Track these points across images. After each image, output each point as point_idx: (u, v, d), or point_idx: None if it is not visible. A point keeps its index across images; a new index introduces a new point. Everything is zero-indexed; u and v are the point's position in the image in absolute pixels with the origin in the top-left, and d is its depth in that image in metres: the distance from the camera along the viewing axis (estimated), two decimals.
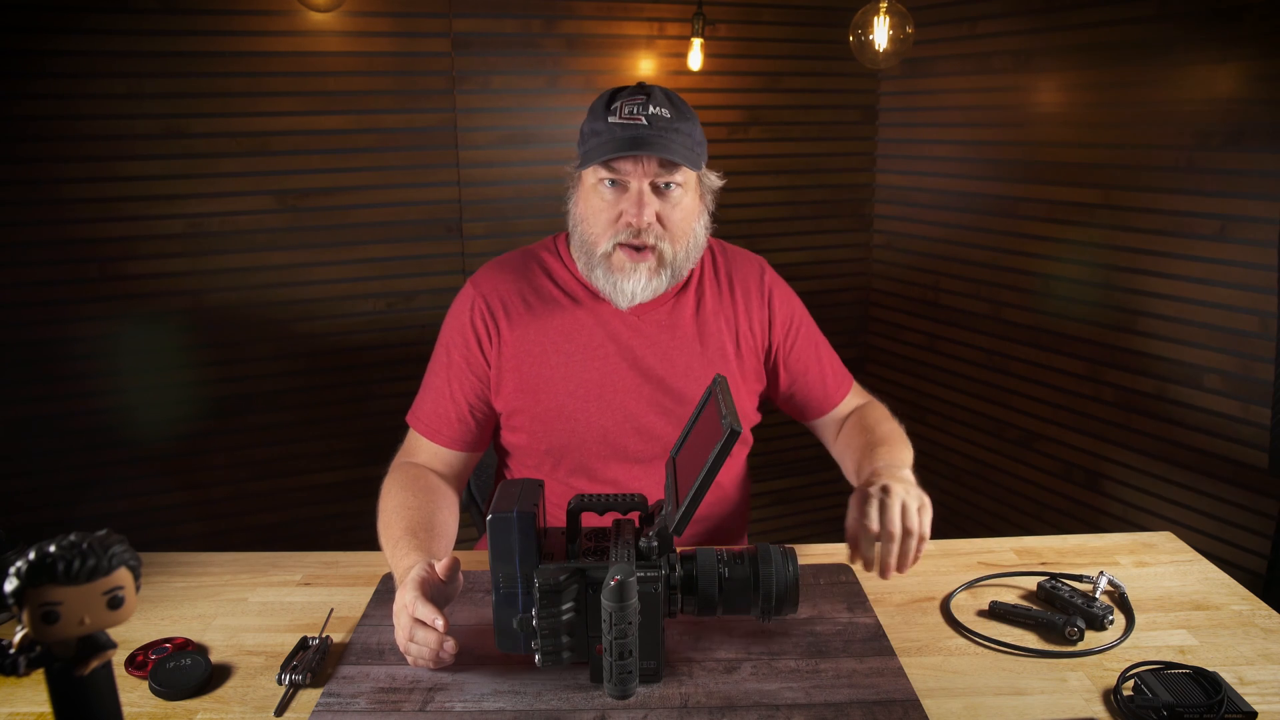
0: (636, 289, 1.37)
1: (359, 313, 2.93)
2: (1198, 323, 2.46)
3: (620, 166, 1.32)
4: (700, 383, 1.43)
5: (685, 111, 1.35)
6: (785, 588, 1.05)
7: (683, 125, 1.33)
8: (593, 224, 1.36)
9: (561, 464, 1.45)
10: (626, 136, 1.29)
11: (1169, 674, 1.05)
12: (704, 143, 1.39)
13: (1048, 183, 2.82)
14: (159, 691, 1.04)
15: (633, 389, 1.42)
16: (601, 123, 1.32)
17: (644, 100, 1.32)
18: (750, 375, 1.50)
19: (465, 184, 2.96)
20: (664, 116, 1.31)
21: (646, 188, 1.32)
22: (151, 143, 2.63)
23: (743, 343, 1.49)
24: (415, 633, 1.05)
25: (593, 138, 1.33)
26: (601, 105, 1.34)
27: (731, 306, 1.49)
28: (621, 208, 1.33)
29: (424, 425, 1.45)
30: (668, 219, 1.35)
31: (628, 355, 1.43)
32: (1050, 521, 2.96)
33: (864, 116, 3.40)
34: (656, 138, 1.29)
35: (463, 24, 2.87)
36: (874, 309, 3.53)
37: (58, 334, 2.63)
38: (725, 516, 1.55)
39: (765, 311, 1.50)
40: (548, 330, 1.43)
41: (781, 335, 1.52)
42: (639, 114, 1.30)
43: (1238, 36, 2.29)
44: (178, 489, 2.83)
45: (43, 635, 0.70)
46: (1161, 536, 1.45)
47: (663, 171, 1.32)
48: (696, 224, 1.40)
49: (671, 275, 1.39)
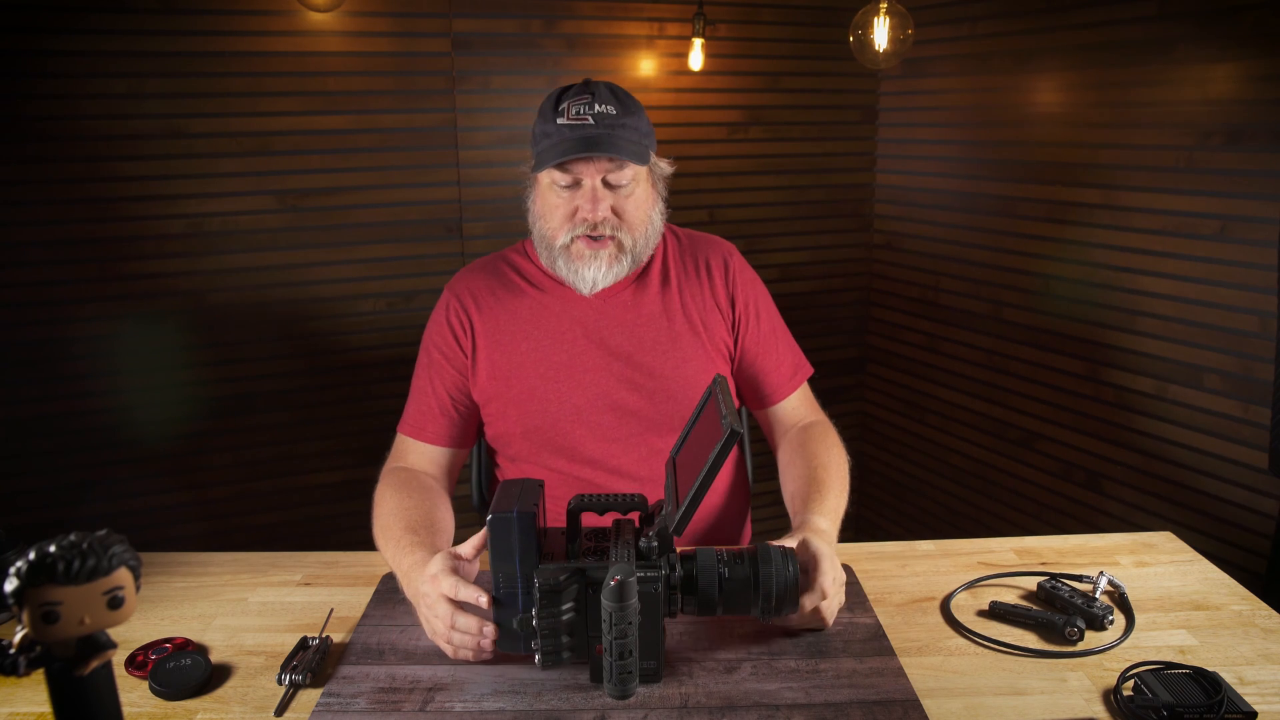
0: (597, 275, 1.42)
1: (359, 313, 2.93)
2: (1198, 323, 2.46)
3: (572, 167, 1.36)
4: (668, 356, 1.46)
5: (630, 105, 1.38)
6: (785, 587, 1.05)
7: (629, 120, 1.36)
8: (550, 220, 1.41)
9: (543, 446, 1.47)
10: (575, 138, 1.33)
11: (1169, 674, 1.05)
12: (650, 132, 1.42)
13: (1047, 183, 2.82)
14: (159, 691, 1.04)
15: (602, 367, 1.46)
16: (551, 124, 1.36)
17: (589, 99, 1.35)
18: (718, 349, 1.52)
19: (465, 184, 2.96)
20: (610, 114, 1.34)
21: (599, 184, 1.37)
22: (151, 143, 2.64)
23: (709, 316, 1.51)
24: (457, 619, 1.05)
25: (544, 139, 1.37)
26: (550, 106, 1.38)
27: (696, 283, 1.52)
28: (576, 204, 1.38)
29: (410, 426, 1.49)
30: (623, 210, 1.39)
31: (594, 336, 1.46)
32: (1050, 521, 2.96)
33: (864, 116, 3.40)
34: (604, 136, 1.33)
35: (463, 24, 2.87)
36: (874, 309, 3.53)
37: (58, 334, 2.63)
38: (726, 516, 1.55)
39: (727, 290, 1.53)
40: (516, 317, 1.48)
41: (740, 312, 1.53)
42: (585, 113, 1.34)
43: (1237, 36, 2.29)
44: (178, 489, 2.83)
45: (43, 635, 0.70)
46: (1161, 536, 1.45)
47: (613, 168, 1.36)
48: (652, 211, 1.45)
49: (631, 261, 1.43)
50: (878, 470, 3.57)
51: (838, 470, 1.40)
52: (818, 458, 1.41)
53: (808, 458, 1.42)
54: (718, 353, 1.51)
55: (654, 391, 1.45)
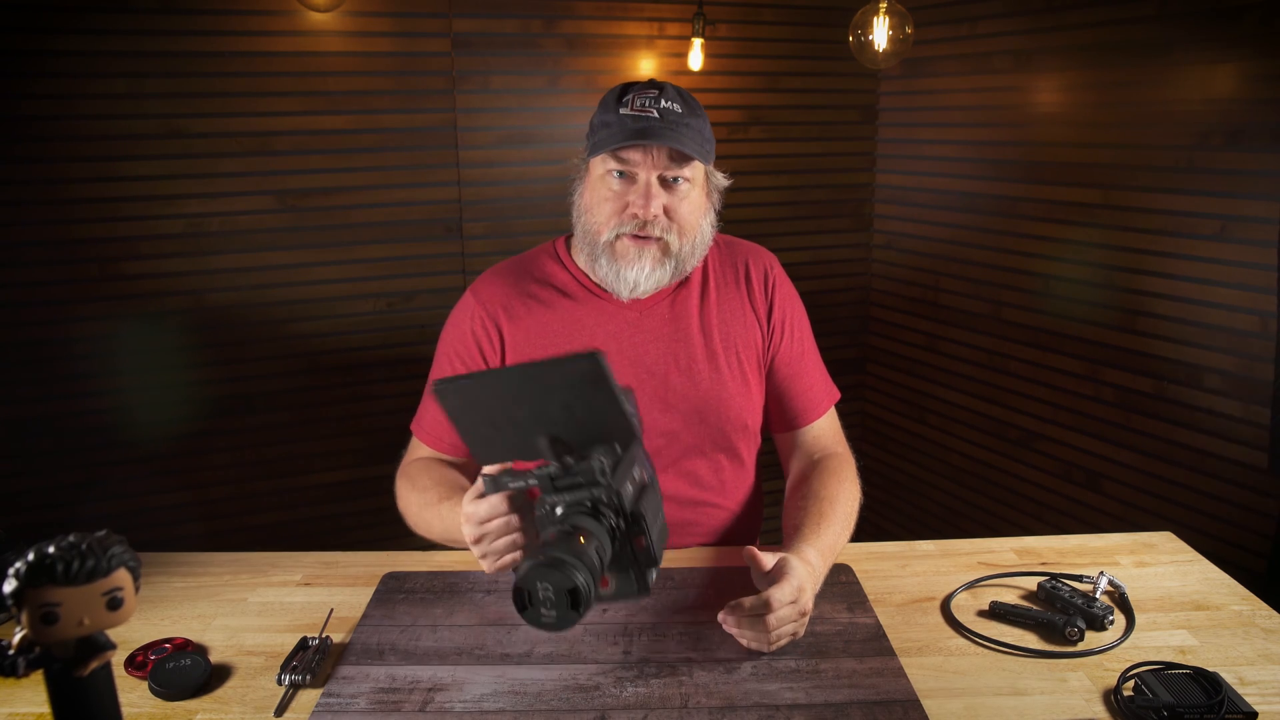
0: (640, 277, 1.35)
1: (359, 313, 2.93)
2: (1198, 323, 2.46)
3: (629, 157, 1.31)
4: (704, 376, 1.42)
5: (696, 109, 1.35)
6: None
7: (693, 121, 1.33)
8: (597, 214, 1.36)
9: None
10: (637, 128, 1.29)
11: (1169, 674, 1.05)
12: (713, 141, 1.38)
13: (1048, 183, 2.82)
14: (159, 692, 1.04)
15: (634, 385, 1.41)
16: (613, 114, 1.32)
17: (656, 94, 1.32)
18: (754, 370, 1.48)
19: (465, 184, 2.95)
20: (675, 111, 1.31)
21: (654, 180, 1.32)
22: (151, 143, 2.64)
23: (747, 331, 1.46)
24: (489, 524, 1.04)
25: (603, 129, 1.33)
26: (613, 98, 1.34)
27: (735, 293, 1.47)
28: (628, 199, 1.33)
29: (427, 434, 1.45)
30: (675, 212, 1.34)
31: (629, 352, 1.41)
32: (1050, 521, 2.96)
33: (864, 116, 3.40)
34: (667, 130, 1.29)
35: (463, 24, 2.87)
36: (874, 309, 3.53)
37: (58, 334, 2.63)
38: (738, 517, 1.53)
39: (766, 300, 1.48)
40: (548, 329, 1.42)
41: (775, 325, 1.49)
42: (650, 107, 1.31)
43: (1237, 37, 2.29)
44: (178, 489, 2.83)
45: (42, 636, 0.70)
46: (1161, 536, 1.45)
47: (672, 165, 1.32)
48: (703, 220, 1.39)
49: (676, 268, 1.38)
50: (878, 470, 3.57)
51: (845, 507, 1.34)
52: (826, 489, 1.35)
53: (815, 490, 1.36)
54: (753, 371, 1.46)
55: (688, 413, 1.41)
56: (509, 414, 0.98)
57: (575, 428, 0.98)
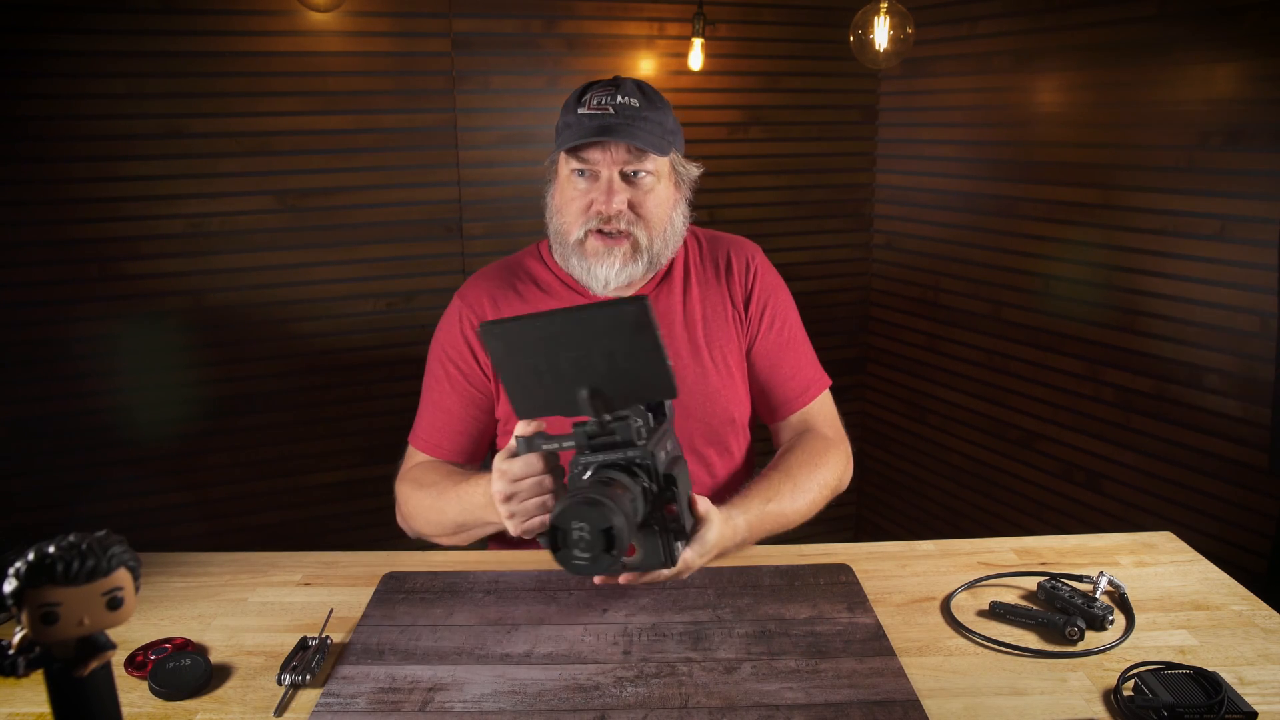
0: (610, 274, 1.37)
1: (359, 313, 2.93)
2: (1198, 323, 2.46)
3: (589, 155, 1.34)
4: (689, 369, 1.43)
5: (656, 100, 1.37)
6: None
7: (652, 114, 1.34)
8: (565, 213, 1.38)
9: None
10: (594, 125, 1.31)
11: (1169, 674, 1.05)
12: (677, 131, 1.40)
13: (1048, 183, 2.82)
14: (159, 692, 1.04)
15: None
16: (573, 114, 1.35)
17: (613, 91, 1.34)
18: (738, 363, 1.48)
19: (465, 184, 2.95)
20: (632, 105, 1.33)
21: (616, 176, 1.34)
22: (151, 143, 2.64)
23: (729, 328, 1.47)
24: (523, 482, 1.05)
25: (565, 130, 1.36)
26: (574, 98, 1.37)
27: (715, 285, 1.48)
28: (592, 196, 1.36)
29: (423, 442, 1.47)
30: (640, 206, 1.36)
31: None
32: (1050, 521, 2.96)
33: (864, 116, 3.40)
34: (623, 125, 1.31)
35: (463, 24, 2.87)
36: (874, 309, 3.53)
37: (58, 334, 2.63)
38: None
39: (744, 289, 1.49)
40: None
41: (753, 314, 1.49)
42: (607, 104, 1.33)
43: (1238, 36, 2.29)
44: (178, 489, 2.83)
45: (42, 636, 0.70)
46: (1161, 536, 1.45)
47: (631, 159, 1.33)
48: (673, 212, 1.41)
49: (648, 263, 1.39)
50: (878, 470, 3.57)
51: (804, 483, 1.34)
52: (786, 462, 1.36)
53: (777, 462, 1.37)
54: (738, 364, 1.47)
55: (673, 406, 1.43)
56: (551, 360, 0.98)
57: (617, 377, 0.97)
